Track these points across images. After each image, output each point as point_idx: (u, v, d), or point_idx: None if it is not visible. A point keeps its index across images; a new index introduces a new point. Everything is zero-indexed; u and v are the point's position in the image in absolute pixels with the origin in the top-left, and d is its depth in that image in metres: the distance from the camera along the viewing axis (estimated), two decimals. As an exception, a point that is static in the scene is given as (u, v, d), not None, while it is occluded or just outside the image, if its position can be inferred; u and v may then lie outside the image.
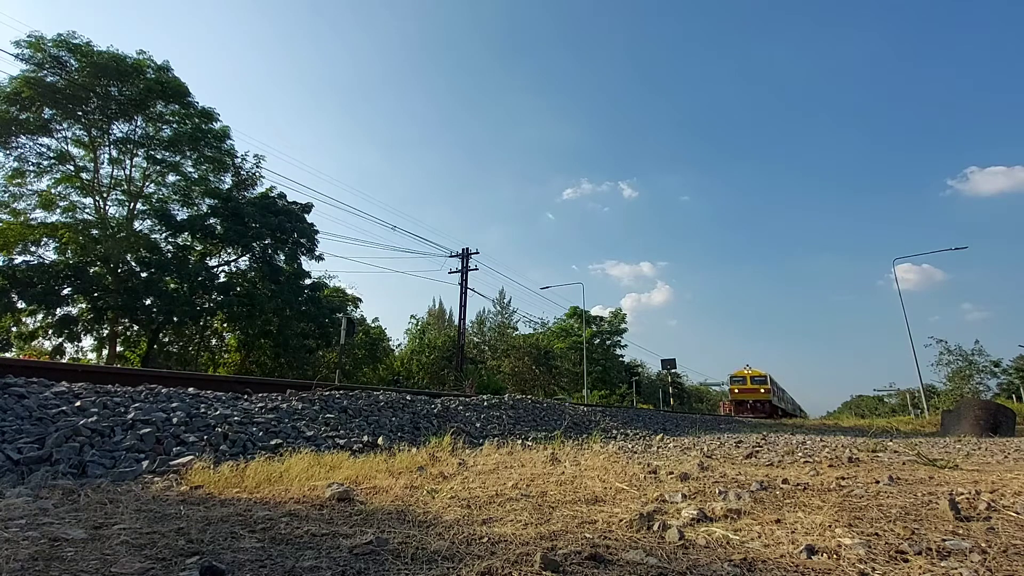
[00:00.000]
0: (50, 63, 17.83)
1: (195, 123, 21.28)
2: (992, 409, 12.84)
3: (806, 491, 2.72)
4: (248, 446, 3.46)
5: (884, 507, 2.32)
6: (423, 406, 5.47)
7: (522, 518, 2.01)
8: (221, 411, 3.66)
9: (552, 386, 38.21)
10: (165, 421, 3.26)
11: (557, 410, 7.78)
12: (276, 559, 1.44)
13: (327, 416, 4.29)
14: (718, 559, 1.55)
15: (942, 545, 1.72)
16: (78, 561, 1.36)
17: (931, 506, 2.33)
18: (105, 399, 3.24)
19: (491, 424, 5.92)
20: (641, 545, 1.68)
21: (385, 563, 1.45)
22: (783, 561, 1.54)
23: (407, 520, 1.93)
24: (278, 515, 1.90)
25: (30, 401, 2.94)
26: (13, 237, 17.48)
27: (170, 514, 1.86)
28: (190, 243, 21.93)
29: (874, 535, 1.85)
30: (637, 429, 9.24)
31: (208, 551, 1.47)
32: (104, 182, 20.25)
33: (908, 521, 2.05)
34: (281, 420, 3.90)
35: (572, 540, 1.71)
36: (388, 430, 4.56)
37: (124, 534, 1.60)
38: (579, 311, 45.63)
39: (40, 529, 1.63)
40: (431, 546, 1.59)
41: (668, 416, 13.97)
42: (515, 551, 1.58)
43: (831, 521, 2.05)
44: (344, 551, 1.54)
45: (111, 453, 2.84)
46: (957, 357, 42.11)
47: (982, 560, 1.59)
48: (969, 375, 41.59)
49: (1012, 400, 34.81)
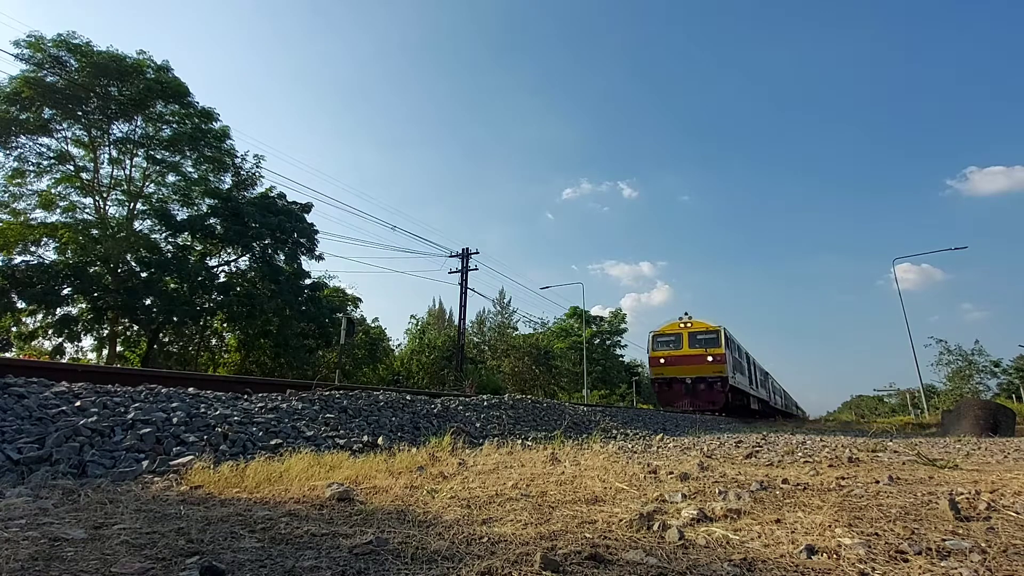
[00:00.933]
0: (50, 63, 17.83)
1: (195, 123, 21.28)
2: (992, 409, 12.83)
3: (806, 491, 2.72)
4: (248, 446, 3.46)
5: (884, 507, 2.32)
6: (423, 406, 5.47)
7: (522, 518, 2.01)
8: (221, 411, 3.66)
9: (552, 386, 38.20)
10: (165, 421, 3.26)
11: (557, 410, 7.78)
12: (276, 559, 1.44)
13: (327, 416, 4.29)
14: (718, 559, 1.55)
15: (942, 545, 1.72)
16: (78, 561, 1.36)
17: (931, 506, 2.33)
18: (105, 399, 3.24)
19: (491, 424, 5.92)
20: (641, 545, 1.68)
21: (385, 563, 1.45)
22: (783, 561, 1.54)
23: (407, 520, 1.93)
24: (278, 515, 1.90)
25: (30, 401, 2.94)
26: (13, 237, 17.48)
27: (170, 514, 1.86)
28: (190, 243, 21.93)
29: (874, 535, 1.85)
30: (637, 429, 9.23)
31: (208, 551, 1.47)
32: (104, 182, 20.26)
33: (908, 521, 2.05)
34: (281, 420, 3.89)
35: (572, 540, 1.71)
36: (388, 430, 4.56)
37: (124, 534, 1.60)
38: (579, 311, 45.61)
39: (40, 529, 1.63)
40: (431, 546, 1.59)
41: (668, 416, 13.98)
42: (515, 551, 1.58)
43: (831, 521, 2.05)
44: (344, 551, 1.54)
45: (111, 453, 2.84)
46: (957, 357, 42.06)
47: (982, 560, 1.59)
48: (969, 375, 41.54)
49: (1012, 400, 34.79)
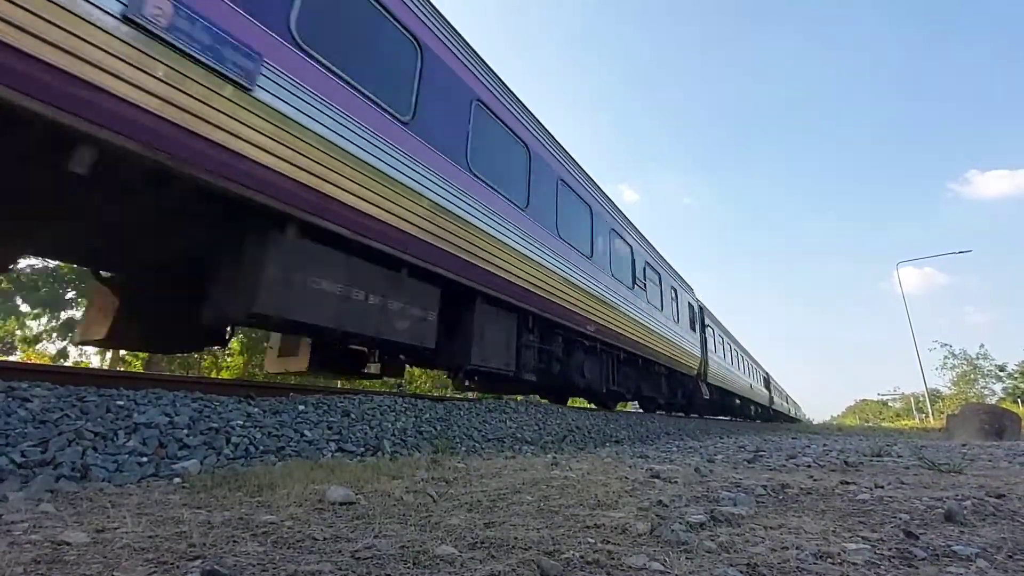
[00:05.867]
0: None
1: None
2: (997, 414, 12.75)
3: (810, 495, 2.71)
4: (250, 449, 3.46)
5: (889, 512, 2.31)
6: (426, 410, 5.46)
7: (524, 522, 2.00)
8: (224, 414, 3.66)
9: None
10: (168, 424, 3.26)
11: (559, 414, 7.77)
12: (278, 563, 1.44)
13: (329, 420, 4.29)
14: (721, 564, 1.54)
15: (948, 549, 1.71)
16: (80, 565, 1.36)
17: (936, 511, 2.32)
18: (108, 402, 3.25)
19: (493, 429, 5.91)
20: (644, 550, 1.67)
21: (387, 567, 1.45)
22: (788, 566, 1.53)
23: (409, 524, 1.93)
24: (280, 519, 1.90)
25: (33, 404, 2.94)
26: (17, 241, 17.57)
27: (172, 518, 1.86)
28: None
29: (879, 540, 1.83)
30: (639, 433, 9.21)
31: (210, 555, 1.47)
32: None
33: (913, 526, 2.04)
34: (283, 423, 3.90)
35: (574, 545, 1.71)
36: (390, 434, 4.56)
37: (126, 538, 1.60)
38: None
39: (43, 532, 1.63)
40: (433, 550, 1.59)
41: (670, 420, 13.94)
42: (518, 555, 1.57)
43: (835, 525, 2.04)
44: (347, 555, 1.54)
45: (114, 456, 2.84)
46: (962, 361, 41.78)
47: (989, 565, 1.58)
48: (974, 379, 41.27)
49: (1017, 404, 34.55)
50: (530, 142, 7.44)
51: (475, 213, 6.02)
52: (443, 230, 5.49)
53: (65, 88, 2.82)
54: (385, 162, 4.82)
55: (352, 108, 4.53)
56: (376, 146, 4.74)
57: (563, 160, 8.48)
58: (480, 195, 6.17)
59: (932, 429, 24.81)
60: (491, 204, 6.36)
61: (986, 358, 42.03)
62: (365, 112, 4.67)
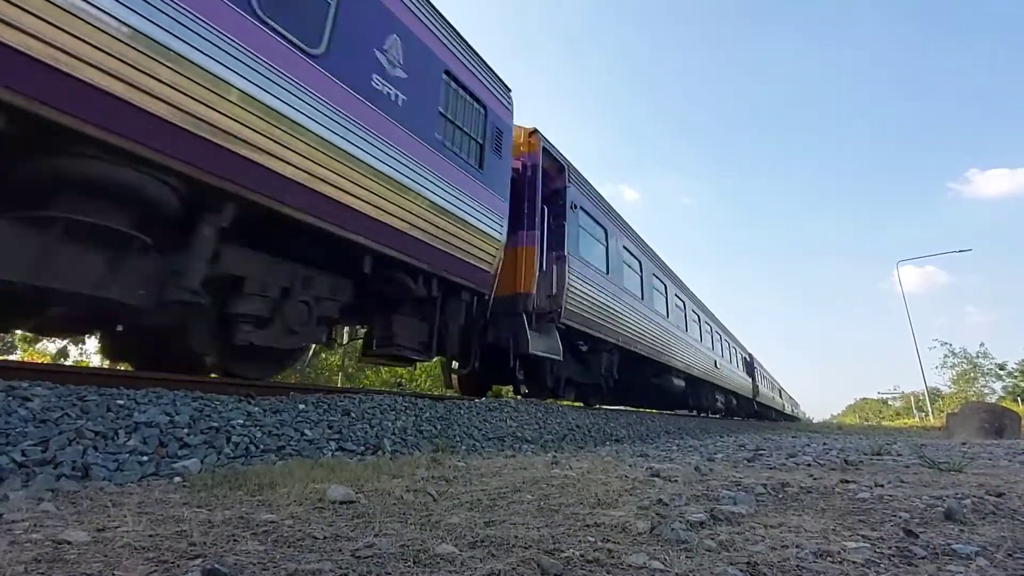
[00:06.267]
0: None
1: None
2: (998, 413, 12.75)
3: (810, 494, 2.71)
4: (251, 448, 3.46)
5: (889, 510, 2.31)
6: (426, 409, 5.47)
7: (524, 521, 2.00)
8: (224, 414, 3.66)
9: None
10: (168, 423, 3.26)
11: (559, 413, 7.77)
12: (279, 562, 1.44)
13: (330, 419, 4.29)
14: (721, 562, 1.54)
15: (948, 548, 1.71)
16: (81, 564, 1.37)
17: (936, 509, 2.32)
18: (109, 401, 3.25)
19: (493, 427, 5.92)
20: (644, 549, 1.67)
21: (388, 565, 1.45)
22: (787, 564, 1.53)
23: (410, 522, 1.93)
24: (280, 518, 1.90)
25: (34, 404, 2.95)
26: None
27: (172, 517, 1.86)
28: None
29: (879, 538, 1.84)
30: (639, 432, 9.21)
31: (211, 554, 1.48)
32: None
33: (913, 524, 2.04)
34: (284, 423, 3.90)
35: (574, 543, 1.71)
36: (391, 433, 4.56)
37: (127, 537, 1.60)
38: (581, 313, 45.05)
39: (43, 531, 1.64)
40: (434, 549, 1.59)
41: (670, 419, 13.96)
42: (518, 554, 1.57)
43: (835, 524, 2.04)
44: (347, 554, 1.54)
45: (114, 456, 2.84)
46: (962, 360, 41.82)
47: (988, 563, 1.58)
48: (974, 378, 41.30)
49: (1017, 403, 34.57)
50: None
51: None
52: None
53: None
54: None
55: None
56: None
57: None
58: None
59: (932, 428, 24.82)
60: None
61: (986, 356, 42.11)
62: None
